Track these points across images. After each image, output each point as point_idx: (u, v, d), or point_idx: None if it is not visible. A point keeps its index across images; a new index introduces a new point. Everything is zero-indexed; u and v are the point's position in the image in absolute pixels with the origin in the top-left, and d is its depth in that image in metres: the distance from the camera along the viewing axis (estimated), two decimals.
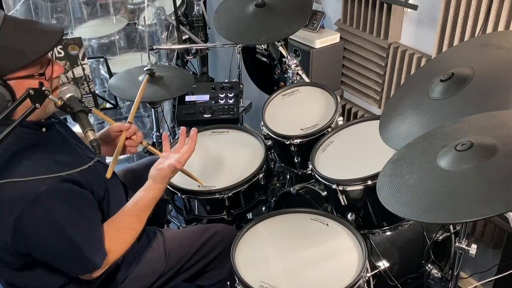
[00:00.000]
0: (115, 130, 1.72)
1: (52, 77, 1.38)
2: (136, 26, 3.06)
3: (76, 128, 1.52)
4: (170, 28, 2.99)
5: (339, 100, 2.04)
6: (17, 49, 1.26)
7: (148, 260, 1.68)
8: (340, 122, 2.00)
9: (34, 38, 1.30)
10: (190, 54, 2.88)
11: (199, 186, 1.86)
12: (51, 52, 1.36)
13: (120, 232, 1.49)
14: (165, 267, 1.70)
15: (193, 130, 1.64)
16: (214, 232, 1.79)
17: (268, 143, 2.07)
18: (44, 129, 1.42)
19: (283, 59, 2.38)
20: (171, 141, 2.00)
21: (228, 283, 1.70)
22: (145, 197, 1.54)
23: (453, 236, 1.83)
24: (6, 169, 1.30)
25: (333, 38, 2.48)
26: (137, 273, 1.66)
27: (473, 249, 1.46)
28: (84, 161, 1.26)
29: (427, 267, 1.84)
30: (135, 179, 1.81)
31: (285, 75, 2.38)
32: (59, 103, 1.37)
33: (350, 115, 2.64)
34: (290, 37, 2.50)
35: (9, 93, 1.27)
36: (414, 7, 2.11)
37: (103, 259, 1.43)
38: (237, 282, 1.54)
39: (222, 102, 2.49)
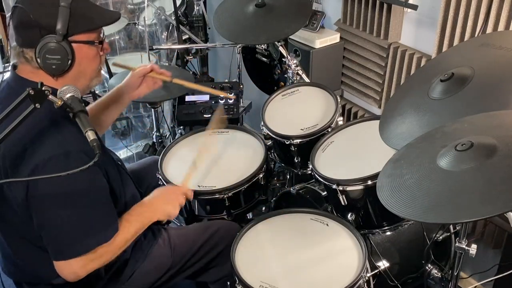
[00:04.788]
0: (139, 76, 1.86)
1: (104, 51, 1.54)
2: (136, 26, 3.06)
3: None
4: (170, 28, 2.99)
5: (339, 100, 2.03)
6: (87, 15, 1.44)
7: (155, 255, 1.70)
8: (340, 122, 2.00)
9: (100, 11, 1.51)
10: (190, 54, 2.88)
11: (199, 186, 1.86)
12: (103, 32, 1.53)
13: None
14: (172, 263, 1.72)
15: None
16: (217, 228, 1.81)
17: (268, 143, 2.06)
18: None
19: (283, 59, 2.38)
20: (171, 141, 1.99)
21: (228, 283, 1.70)
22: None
23: (453, 236, 1.82)
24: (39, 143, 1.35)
25: (333, 38, 2.48)
26: (144, 268, 1.67)
27: (473, 249, 1.46)
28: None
29: (427, 267, 1.84)
30: (135, 178, 1.81)
31: (285, 75, 2.38)
32: (59, 103, 1.36)
33: (350, 115, 2.63)
34: (290, 37, 2.49)
35: (71, 53, 1.40)
36: (414, 7, 2.11)
37: (114, 233, 1.45)
38: (237, 282, 1.54)
39: (222, 102, 2.49)
